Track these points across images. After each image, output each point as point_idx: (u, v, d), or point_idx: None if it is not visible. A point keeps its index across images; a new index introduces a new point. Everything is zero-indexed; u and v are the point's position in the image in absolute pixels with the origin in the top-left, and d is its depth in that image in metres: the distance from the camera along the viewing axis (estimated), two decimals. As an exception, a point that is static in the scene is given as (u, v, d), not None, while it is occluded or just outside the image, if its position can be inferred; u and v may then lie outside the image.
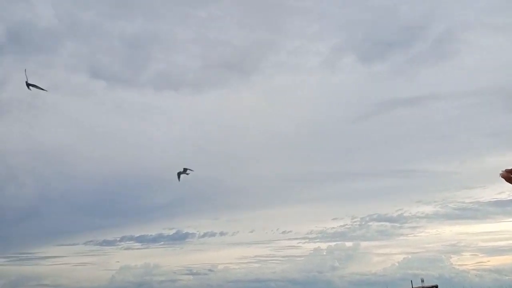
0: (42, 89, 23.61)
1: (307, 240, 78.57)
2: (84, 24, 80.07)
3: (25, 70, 23.23)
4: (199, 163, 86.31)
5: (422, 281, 44.85)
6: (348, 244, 76.78)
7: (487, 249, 72.56)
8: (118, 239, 75.97)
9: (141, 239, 76.42)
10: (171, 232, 77.49)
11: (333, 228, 78.94)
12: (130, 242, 76.11)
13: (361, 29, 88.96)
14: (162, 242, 77.07)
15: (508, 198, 75.11)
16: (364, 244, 77.50)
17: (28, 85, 22.85)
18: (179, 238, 76.96)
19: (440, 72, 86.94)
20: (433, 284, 45.00)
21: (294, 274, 71.09)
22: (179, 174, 28.61)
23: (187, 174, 28.62)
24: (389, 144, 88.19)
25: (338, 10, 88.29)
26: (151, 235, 77.14)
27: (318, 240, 78.74)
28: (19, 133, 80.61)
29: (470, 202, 77.10)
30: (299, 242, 78.18)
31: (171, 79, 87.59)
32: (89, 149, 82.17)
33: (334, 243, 77.35)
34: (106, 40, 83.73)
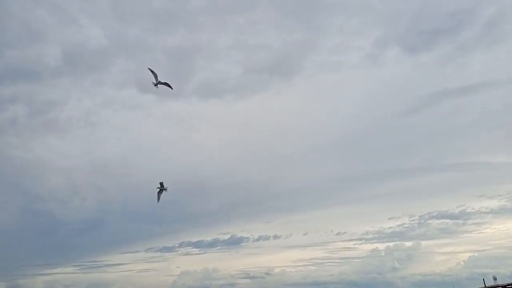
0: (169, 86, 25.58)
1: (363, 241, 76.74)
2: (130, 41, 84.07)
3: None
4: (248, 167, 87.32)
5: (495, 279, 42.33)
6: (408, 244, 74.12)
7: None
8: (177, 245, 78.76)
9: (198, 244, 78.63)
10: (226, 236, 79.09)
11: (390, 228, 76.58)
12: (188, 247, 78.61)
13: (404, 20, 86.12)
14: (218, 247, 78.79)
15: None
16: (425, 243, 74.47)
17: (156, 84, 25.01)
18: (234, 242, 78.33)
19: (493, 57, 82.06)
20: (509, 282, 42.28)
21: (352, 276, 69.78)
22: (158, 194, 29.58)
23: (165, 190, 29.43)
24: (444, 137, 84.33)
25: (378, 2, 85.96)
26: (207, 240, 79.19)
27: (375, 240, 76.64)
28: (79, 149, 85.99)
29: (540, 194, 71.94)
30: (355, 244, 76.55)
31: (215, 87, 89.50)
32: (142, 160, 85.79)
33: (393, 243, 74.97)
34: (151, 54, 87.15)
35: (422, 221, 75.99)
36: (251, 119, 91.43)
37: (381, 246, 74.43)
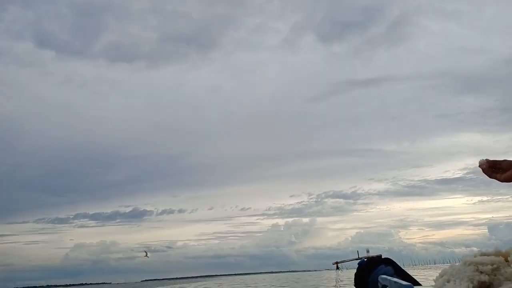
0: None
1: (265, 216, 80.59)
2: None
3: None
4: (157, 140, 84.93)
5: (368, 251, 48.14)
6: (305, 220, 79.78)
7: (432, 224, 78.54)
8: (71, 216, 74.57)
9: (96, 217, 75.40)
10: (128, 209, 76.96)
11: (291, 204, 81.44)
12: (85, 219, 74.95)
13: (321, 8, 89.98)
14: (118, 220, 76.41)
15: (453, 176, 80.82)
16: (320, 219, 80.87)
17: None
18: (136, 215, 76.70)
19: (394, 55, 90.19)
20: (378, 253, 48.84)
21: (252, 249, 73.09)
22: None
23: None
24: (345, 124, 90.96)
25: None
26: (106, 212, 76.23)
27: (276, 216, 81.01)
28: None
29: (418, 180, 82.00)
30: (257, 219, 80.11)
31: (125, 51, 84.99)
32: (38, 122, 78.75)
33: (292, 219, 79.99)
34: (54, 6, 79.44)
35: (319, 200, 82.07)
36: (163, 90, 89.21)
37: (281, 221, 79.13)
